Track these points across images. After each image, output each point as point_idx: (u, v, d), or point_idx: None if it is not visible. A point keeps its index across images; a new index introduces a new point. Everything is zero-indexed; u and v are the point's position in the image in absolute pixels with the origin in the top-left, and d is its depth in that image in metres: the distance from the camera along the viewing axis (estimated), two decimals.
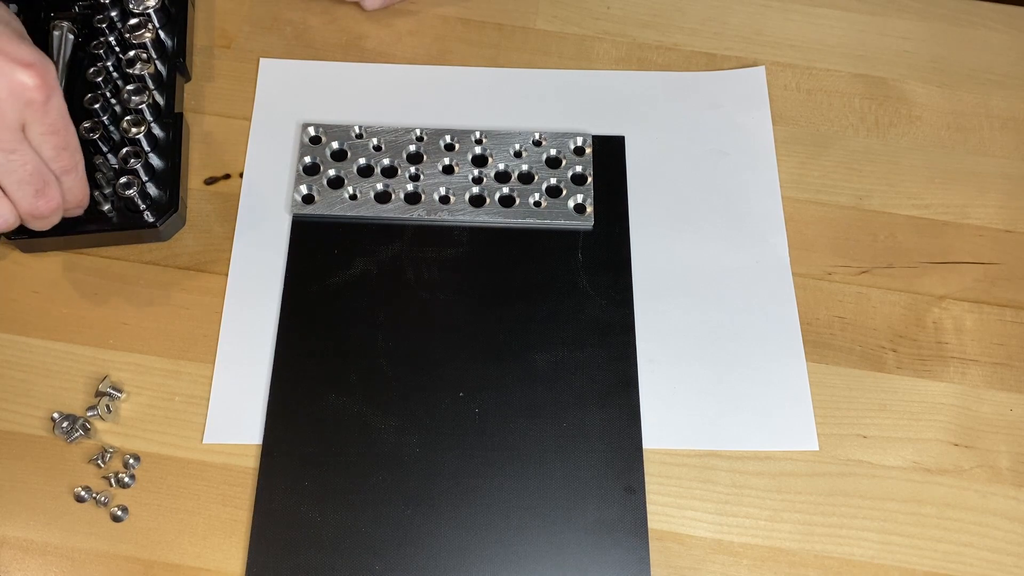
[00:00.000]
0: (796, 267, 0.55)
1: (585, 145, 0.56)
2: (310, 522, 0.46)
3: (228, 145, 0.57)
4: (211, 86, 0.59)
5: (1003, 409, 0.51)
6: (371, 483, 0.47)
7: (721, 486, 0.48)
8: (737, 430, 0.50)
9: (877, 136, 0.60)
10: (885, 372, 0.52)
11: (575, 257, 0.54)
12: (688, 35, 0.63)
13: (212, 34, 0.61)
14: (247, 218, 0.54)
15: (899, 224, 0.56)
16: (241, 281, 0.52)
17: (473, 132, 0.57)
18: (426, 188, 0.55)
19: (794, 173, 0.58)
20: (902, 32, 0.64)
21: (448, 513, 0.47)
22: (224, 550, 0.46)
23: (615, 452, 0.48)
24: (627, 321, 0.52)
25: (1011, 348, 0.53)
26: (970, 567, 0.47)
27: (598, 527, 0.46)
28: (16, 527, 0.46)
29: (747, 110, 0.59)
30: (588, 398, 0.50)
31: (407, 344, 0.51)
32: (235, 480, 0.47)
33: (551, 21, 0.63)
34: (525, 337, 0.51)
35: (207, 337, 0.51)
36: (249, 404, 0.49)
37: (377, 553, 0.45)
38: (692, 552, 0.47)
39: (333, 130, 0.56)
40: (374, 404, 0.49)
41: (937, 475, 0.49)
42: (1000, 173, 0.59)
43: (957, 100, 0.61)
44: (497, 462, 0.48)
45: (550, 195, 0.55)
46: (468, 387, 0.50)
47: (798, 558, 0.47)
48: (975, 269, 0.55)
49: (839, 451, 0.49)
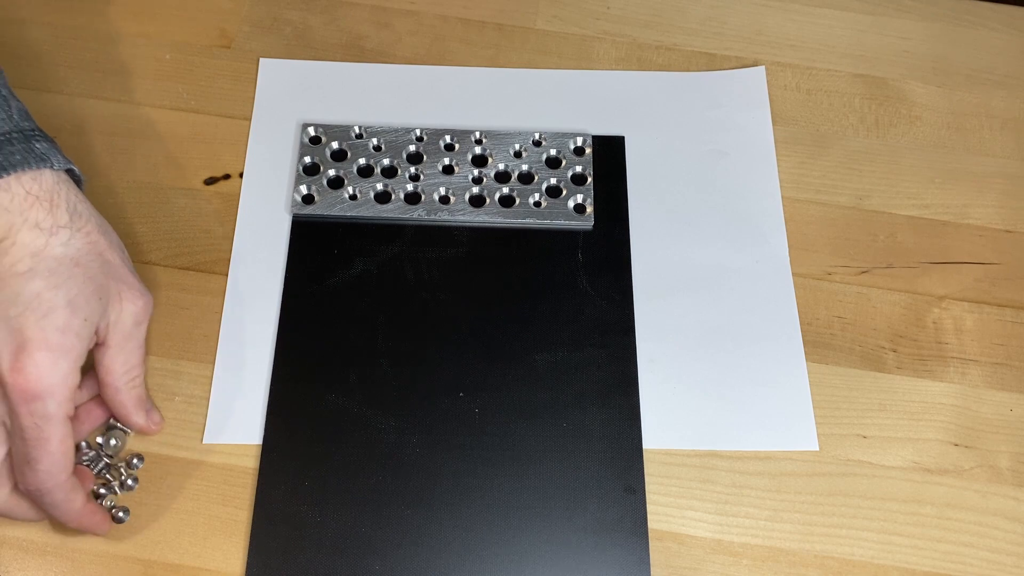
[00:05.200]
0: (796, 267, 0.55)
1: (585, 145, 0.56)
2: (310, 522, 0.46)
3: (228, 145, 0.57)
4: (211, 86, 0.59)
5: (1003, 409, 0.51)
6: (371, 483, 0.47)
7: (721, 486, 0.48)
8: (737, 430, 0.50)
9: (877, 136, 0.60)
10: (885, 372, 0.52)
11: (575, 257, 0.54)
12: (688, 35, 0.63)
13: (212, 34, 0.61)
14: (247, 218, 0.54)
15: (899, 224, 0.56)
16: (241, 281, 0.52)
17: (473, 132, 0.57)
18: (426, 188, 0.55)
19: (794, 173, 0.58)
20: (902, 32, 0.64)
21: (448, 513, 0.47)
22: (224, 550, 0.46)
23: (615, 452, 0.48)
24: (627, 321, 0.52)
25: (1011, 348, 0.53)
26: (970, 567, 0.47)
27: (598, 527, 0.46)
28: (16, 527, 0.46)
29: (747, 110, 0.59)
30: (588, 398, 0.50)
31: (407, 344, 0.51)
32: (235, 480, 0.47)
33: (551, 21, 0.63)
34: (525, 337, 0.51)
35: (207, 337, 0.51)
36: (249, 404, 0.49)
37: (377, 553, 0.45)
38: (692, 552, 0.47)
39: (333, 130, 0.56)
40: (374, 404, 0.49)
41: (937, 475, 0.49)
42: (1000, 173, 0.59)
43: (957, 100, 0.61)
44: (497, 462, 0.48)
45: (550, 195, 0.55)
46: (468, 387, 0.50)
47: (798, 558, 0.47)
48: (975, 269, 0.55)
49: (839, 451, 0.49)
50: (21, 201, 0.41)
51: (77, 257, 0.42)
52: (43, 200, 0.41)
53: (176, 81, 0.59)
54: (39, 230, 0.41)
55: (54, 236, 0.41)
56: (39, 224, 0.41)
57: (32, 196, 0.41)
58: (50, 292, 0.40)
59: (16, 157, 0.41)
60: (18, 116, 0.43)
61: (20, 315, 0.39)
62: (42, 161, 0.42)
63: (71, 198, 0.43)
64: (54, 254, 0.41)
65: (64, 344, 0.40)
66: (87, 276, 0.42)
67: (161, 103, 0.58)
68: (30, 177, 0.41)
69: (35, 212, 0.41)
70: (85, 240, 0.42)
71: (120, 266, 0.44)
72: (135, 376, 0.45)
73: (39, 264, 0.40)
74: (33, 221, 0.41)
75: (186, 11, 0.62)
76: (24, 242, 0.40)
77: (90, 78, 0.58)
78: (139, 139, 0.57)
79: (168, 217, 0.54)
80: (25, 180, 0.41)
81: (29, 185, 0.41)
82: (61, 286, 0.41)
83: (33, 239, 0.41)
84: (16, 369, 0.39)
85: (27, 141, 0.42)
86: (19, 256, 0.40)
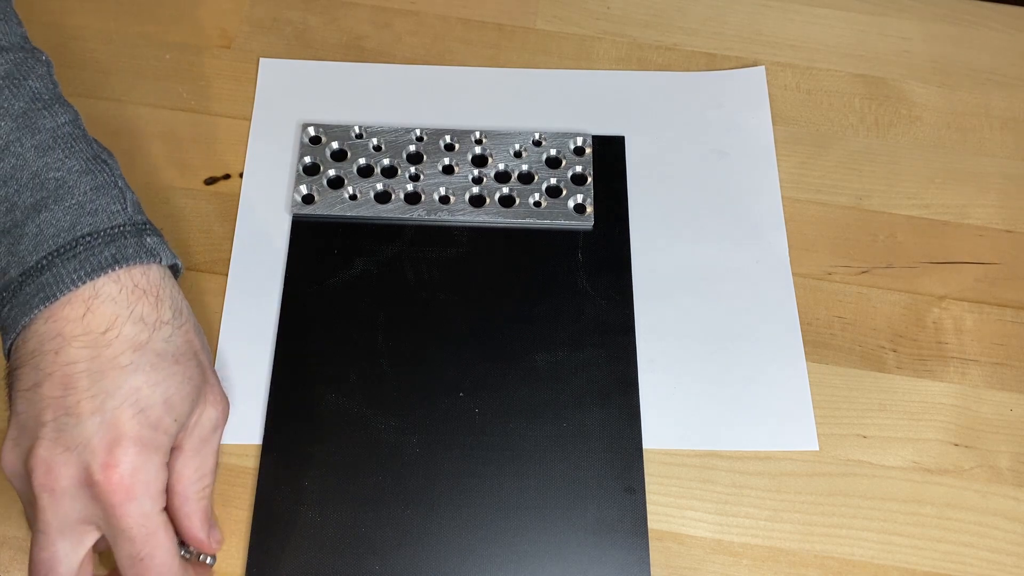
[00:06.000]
0: (796, 267, 0.55)
1: (585, 145, 0.56)
2: (310, 522, 0.46)
3: (228, 145, 0.57)
4: (211, 86, 0.59)
5: (1003, 409, 0.51)
6: (371, 483, 0.47)
7: (721, 486, 0.48)
8: (737, 430, 0.50)
9: (877, 136, 0.60)
10: (885, 372, 0.52)
11: (575, 257, 0.54)
12: (688, 35, 0.63)
13: (212, 34, 0.61)
14: (247, 218, 0.54)
15: (899, 224, 0.56)
16: (241, 281, 0.52)
17: (473, 132, 0.57)
18: (426, 188, 0.55)
19: (794, 173, 0.58)
20: (902, 32, 0.64)
21: (448, 513, 0.47)
22: (224, 550, 0.46)
23: (615, 452, 0.48)
24: (627, 321, 0.52)
25: (1011, 348, 0.53)
26: (970, 567, 0.47)
27: (598, 527, 0.46)
28: (16, 527, 0.46)
29: (747, 110, 0.59)
30: (588, 398, 0.50)
31: (407, 344, 0.51)
32: (235, 480, 0.47)
33: (551, 21, 0.63)
34: (525, 337, 0.51)
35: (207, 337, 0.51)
36: (249, 404, 0.49)
37: (377, 553, 0.45)
38: (692, 552, 0.47)
39: (333, 130, 0.56)
40: (374, 404, 0.49)
41: (937, 475, 0.49)
42: (1000, 173, 0.59)
43: (957, 100, 0.61)
44: (497, 462, 0.48)
45: (550, 195, 0.55)
46: (468, 387, 0.50)
47: (798, 558, 0.47)
48: (975, 269, 0.55)
49: (839, 451, 0.49)
50: (129, 294, 0.40)
51: (176, 355, 0.41)
52: (150, 295, 0.41)
53: (176, 81, 0.59)
54: (143, 324, 0.40)
55: (157, 332, 0.41)
56: (144, 318, 0.40)
57: (140, 289, 0.41)
58: (149, 388, 0.40)
59: (129, 251, 0.41)
60: (131, 209, 0.43)
61: (117, 408, 0.39)
62: (152, 256, 0.42)
63: (175, 294, 0.43)
64: (156, 349, 0.40)
65: (155, 441, 0.39)
66: (185, 376, 0.41)
67: (161, 103, 0.58)
68: (140, 271, 0.41)
69: (141, 306, 0.41)
70: (184, 339, 0.42)
71: (208, 368, 0.44)
72: (206, 485, 0.43)
73: (141, 359, 0.40)
74: (138, 315, 0.40)
75: (186, 11, 0.62)
76: (128, 335, 0.40)
77: (90, 78, 0.58)
78: (139, 139, 0.57)
79: (168, 217, 0.54)
80: (135, 273, 0.41)
81: (138, 278, 0.41)
82: (160, 383, 0.40)
83: (137, 333, 0.40)
84: (110, 465, 0.38)
85: (139, 235, 0.42)
86: (122, 349, 0.39)
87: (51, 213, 0.41)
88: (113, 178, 0.43)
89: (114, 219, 0.42)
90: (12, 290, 0.40)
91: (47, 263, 0.40)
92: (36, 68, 0.44)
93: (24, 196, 0.41)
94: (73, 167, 0.42)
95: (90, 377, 0.39)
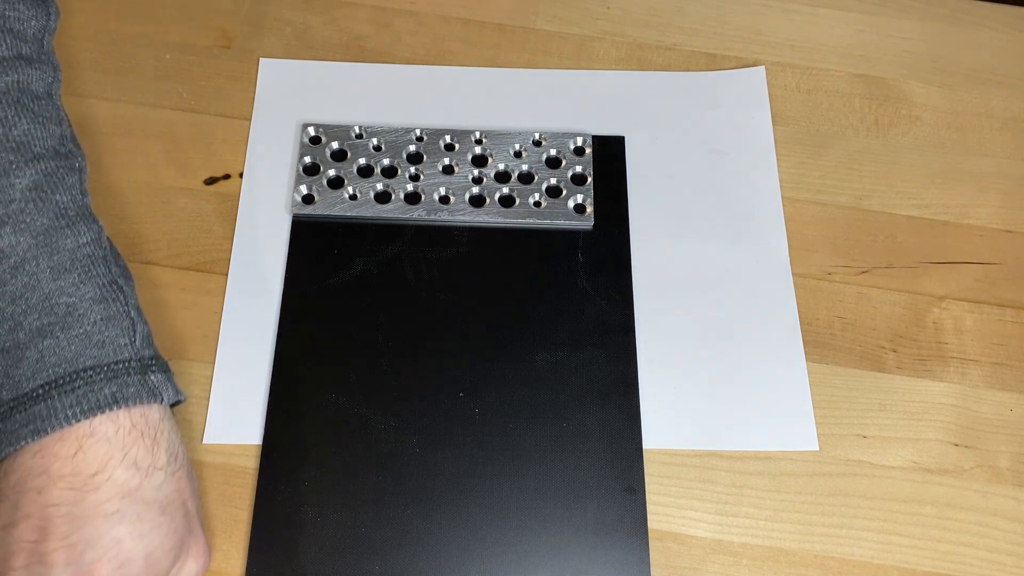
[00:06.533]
0: (796, 267, 0.55)
1: (585, 145, 0.56)
2: (310, 522, 0.46)
3: (228, 145, 0.57)
4: (211, 86, 0.59)
5: (1003, 409, 0.51)
6: (371, 483, 0.47)
7: (721, 486, 0.48)
8: (737, 430, 0.50)
9: (877, 136, 0.60)
10: (885, 372, 0.52)
11: (575, 257, 0.54)
12: (688, 35, 0.63)
13: (212, 34, 0.61)
14: (247, 218, 0.54)
15: (899, 224, 0.56)
16: (241, 281, 0.52)
17: (473, 132, 0.57)
18: (426, 188, 0.55)
19: (794, 173, 0.58)
20: (902, 32, 0.64)
21: (448, 513, 0.47)
22: (224, 550, 0.46)
23: (615, 452, 0.48)
24: (627, 321, 0.52)
25: (1011, 348, 0.53)
26: (970, 567, 0.47)
27: (598, 527, 0.46)
28: None
29: (747, 110, 0.59)
30: (588, 398, 0.50)
31: (407, 344, 0.51)
32: (235, 480, 0.47)
33: (551, 21, 0.63)
34: (525, 337, 0.51)
35: (207, 337, 0.51)
36: (249, 404, 0.49)
37: (377, 553, 0.45)
38: (692, 552, 0.47)
39: (333, 130, 0.56)
40: (374, 404, 0.49)
41: (937, 475, 0.49)
42: (1000, 173, 0.59)
43: (957, 100, 0.61)
44: (497, 462, 0.48)
45: (550, 195, 0.55)
46: (468, 387, 0.50)
47: (798, 558, 0.47)
48: (975, 269, 0.55)
49: (839, 451, 0.49)
50: (125, 435, 0.39)
51: (164, 504, 0.39)
52: (147, 436, 0.39)
53: (176, 81, 0.59)
54: (136, 469, 0.39)
55: (149, 478, 0.39)
56: (137, 462, 0.39)
57: (137, 431, 0.39)
58: (132, 541, 0.38)
59: (131, 390, 0.39)
60: (140, 342, 0.41)
61: (95, 562, 0.37)
62: (154, 396, 0.40)
63: (172, 437, 0.41)
64: (145, 498, 0.39)
65: None
66: (170, 528, 0.39)
67: (161, 103, 0.58)
68: (140, 411, 0.40)
69: (136, 449, 0.39)
70: (175, 487, 0.40)
71: (194, 517, 0.42)
72: None
73: (128, 507, 0.38)
74: (132, 458, 0.39)
75: (186, 11, 0.62)
76: (118, 480, 0.38)
77: (90, 78, 0.58)
78: (139, 139, 0.57)
79: (168, 217, 0.54)
80: (134, 413, 0.39)
81: (136, 419, 0.39)
82: (144, 536, 0.38)
83: (128, 478, 0.38)
84: None
85: (144, 372, 0.40)
86: (109, 495, 0.38)
87: (56, 340, 0.39)
88: (127, 308, 0.42)
89: (120, 353, 0.40)
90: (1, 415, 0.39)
91: (43, 393, 0.38)
92: (66, 179, 0.43)
93: (31, 318, 0.40)
94: (86, 294, 0.41)
95: (70, 523, 0.37)
